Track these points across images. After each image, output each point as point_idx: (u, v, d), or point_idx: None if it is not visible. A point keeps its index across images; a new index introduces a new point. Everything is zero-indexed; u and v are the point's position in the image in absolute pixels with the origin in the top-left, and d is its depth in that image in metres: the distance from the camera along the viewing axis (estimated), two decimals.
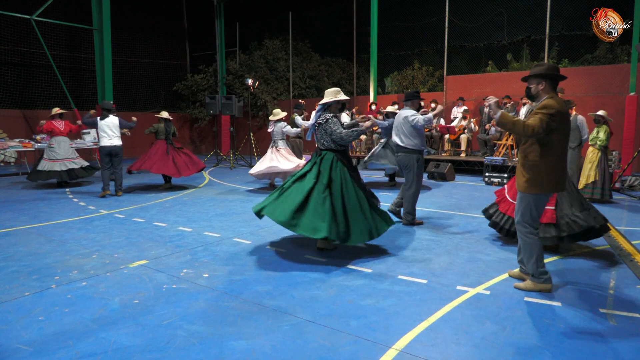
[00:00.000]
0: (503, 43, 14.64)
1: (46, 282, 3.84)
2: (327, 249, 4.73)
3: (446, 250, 4.82)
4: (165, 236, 5.40)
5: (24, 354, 2.67)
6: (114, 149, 8.25)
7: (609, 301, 3.44)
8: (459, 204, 7.45)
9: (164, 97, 19.14)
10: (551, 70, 3.46)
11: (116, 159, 8.27)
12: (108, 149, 8.21)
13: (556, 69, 3.48)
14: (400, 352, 2.67)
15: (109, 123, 8.25)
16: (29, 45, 14.44)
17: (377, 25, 14.66)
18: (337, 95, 4.66)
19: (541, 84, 3.49)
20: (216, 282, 3.85)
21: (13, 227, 5.83)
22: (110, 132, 8.24)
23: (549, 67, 3.48)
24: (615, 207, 7.15)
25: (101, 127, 8.18)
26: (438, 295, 3.55)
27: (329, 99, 4.67)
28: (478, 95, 12.69)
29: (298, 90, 18.29)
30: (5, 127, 13.93)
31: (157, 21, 18.94)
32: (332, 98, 4.66)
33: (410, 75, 16.66)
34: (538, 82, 3.51)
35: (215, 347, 2.74)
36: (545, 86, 3.48)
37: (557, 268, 4.22)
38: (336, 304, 3.37)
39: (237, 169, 12.98)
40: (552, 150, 3.42)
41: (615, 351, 2.70)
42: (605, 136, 7.37)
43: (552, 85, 3.49)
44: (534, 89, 3.54)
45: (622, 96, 10.90)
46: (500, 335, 2.88)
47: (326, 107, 4.75)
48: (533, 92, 3.55)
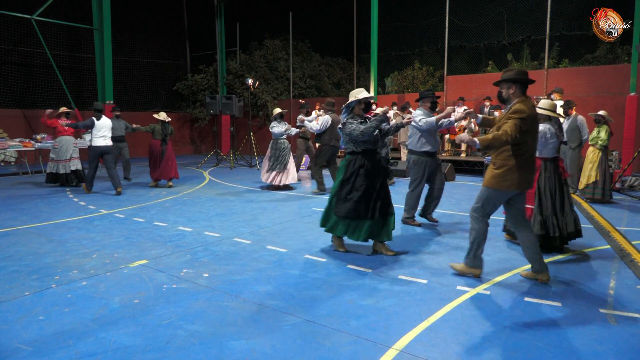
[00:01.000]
0: (503, 43, 14.64)
1: (46, 282, 3.84)
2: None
3: (446, 250, 4.82)
4: (166, 236, 5.40)
5: (24, 353, 2.67)
6: (106, 150, 8.35)
7: (609, 301, 3.44)
8: (459, 204, 7.45)
9: (164, 97, 19.14)
10: (520, 75, 3.67)
11: (108, 157, 8.41)
12: (100, 149, 8.28)
13: (525, 73, 3.71)
14: (400, 352, 2.67)
15: (105, 124, 8.32)
16: (29, 45, 14.44)
17: (377, 25, 14.64)
18: (357, 95, 4.55)
19: (511, 88, 3.69)
20: (216, 282, 3.85)
21: (13, 227, 5.83)
22: (107, 133, 8.34)
23: (518, 72, 3.70)
24: (616, 207, 7.15)
25: (98, 127, 8.23)
26: (438, 295, 3.55)
27: (350, 100, 4.58)
28: (478, 96, 12.69)
29: (298, 90, 18.29)
30: (6, 127, 13.93)
31: (157, 21, 18.93)
32: (353, 99, 4.56)
33: (411, 75, 16.66)
34: (508, 86, 3.70)
35: (215, 347, 2.74)
36: (516, 90, 3.68)
37: (557, 268, 4.22)
38: (336, 304, 3.37)
39: (237, 169, 12.99)
40: (521, 151, 3.62)
41: (615, 351, 2.69)
42: (607, 136, 7.37)
43: (521, 89, 3.69)
44: (505, 93, 3.74)
45: (623, 96, 10.90)
46: (500, 335, 2.88)
47: (350, 109, 4.63)
48: (504, 95, 3.75)
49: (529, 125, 3.55)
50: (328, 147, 8.32)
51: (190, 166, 13.85)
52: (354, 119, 4.55)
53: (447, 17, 13.65)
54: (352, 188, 4.47)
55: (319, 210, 6.90)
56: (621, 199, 7.85)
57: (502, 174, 3.64)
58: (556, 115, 4.90)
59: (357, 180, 4.47)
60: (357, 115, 4.61)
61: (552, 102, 4.96)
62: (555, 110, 4.85)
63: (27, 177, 10.97)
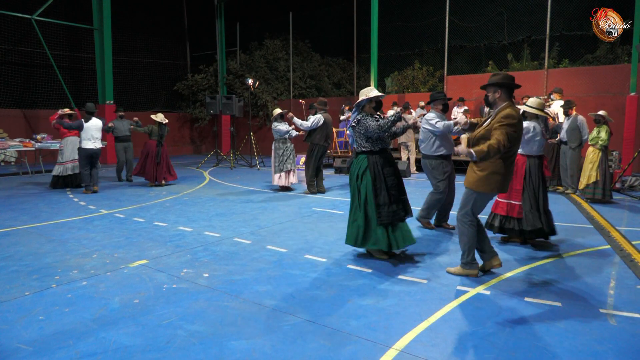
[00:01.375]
0: (503, 43, 14.64)
1: (46, 282, 3.84)
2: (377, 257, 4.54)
3: (446, 250, 4.82)
4: (166, 236, 5.40)
5: (24, 353, 2.67)
6: (95, 152, 8.33)
7: (609, 301, 3.44)
8: (459, 204, 7.44)
9: (164, 97, 19.15)
10: (507, 80, 3.75)
11: (95, 160, 8.44)
12: (90, 152, 8.27)
13: (511, 78, 3.77)
14: (400, 352, 2.67)
15: (93, 126, 8.30)
16: (29, 45, 14.44)
17: (377, 25, 14.65)
18: (369, 93, 4.46)
19: (497, 92, 3.76)
20: (216, 282, 3.86)
21: (13, 227, 5.83)
22: (95, 135, 8.31)
23: (504, 76, 3.77)
24: (616, 207, 7.14)
25: (86, 129, 8.22)
26: (438, 295, 3.55)
27: (361, 98, 4.49)
28: (478, 95, 12.69)
29: (298, 90, 18.29)
30: (6, 127, 13.94)
31: (157, 21, 18.94)
32: (364, 97, 4.47)
33: (411, 75, 16.66)
34: (495, 90, 3.78)
35: (215, 347, 2.74)
36: (501, 94, 3.76)
37: (557, 268, 4.22)
38: (336, 304, 3.37)
39: (238, 169, 12.99)
40: (507, 155, 3.69)
41: (616, 351, 2.69)
42: (607, 136, 7.36)
43: (507, 93, 3.77)
44: (492, 96, 3.81)
45: (623, 96, 10.90)
46: (500, 335, 2.88)
47: (361, 107, 4.55)
48: (490, 99, 3.83)
49: (517, 129, 3.65)
50: (318, 147, 8.30)
51: (190, 166, 13.85)
52: (368, 116, 4.46)
53: (447, 17, 13.65)
54: (387, 190, 4.31)
55: (319, 210, 6.90)
56: (621, 199, 7.85)
57: (486, 177, 3.71)
58: (544, 115, 5.08)
59: (388, 180, 4.34)
60: (368, 113, 4.52)
61: (540, 101, 5.09)
62: (543, 110, 5.00)
63: (27, 177, 10.96)
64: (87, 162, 8.36)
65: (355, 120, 4.49)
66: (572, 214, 6.58)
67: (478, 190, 3.77)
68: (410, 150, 11.67)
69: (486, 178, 3.72)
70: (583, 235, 5.38)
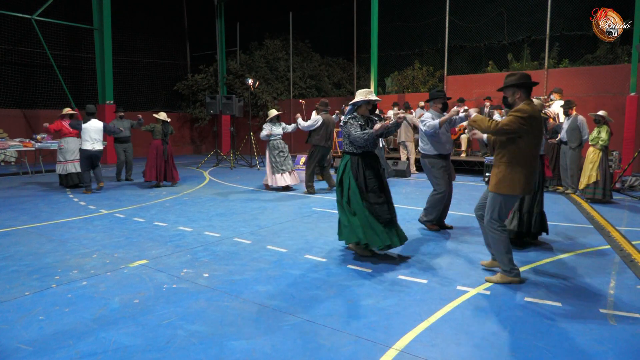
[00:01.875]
0: (503, 43, 14.64)
1: (46, 282, 3.84)
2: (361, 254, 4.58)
3: (446, 250, 4.82)
4: (166, 236, 5.40)
5: (24, 353, 2.67)
6: (95, 154, 8.31)
7: (609, 301, 3.44)
8: (459, 204, 7.44)
9: (164, 97, 19.15)
10: (524, 79, 3.67)
11: (96, 161, 8.45)
12: (89, 153, 8.25)
13: (528, 77, 3.69)
14: (400, 352, 2.67)
15: (92, 127, 8.26)
16: (29, 45, 14.44)
17: (378, 25, 14.66)
18: (367, 95, 4.44)
19: (517, 93, 3.69)
20: (216, 282, 3.86)
21: (13, 227, 5.83)
22: (94, 136, 8.28)
23: (521, 76, 3.69)
24: (616, 207, 7.14)
25: (84, 131, 8.20)
26: (438, 295, 3.55)
27: (358, 98, 4.46)
28: (478, 96, 12.69)
29: (298, 90, 18.29)
30: (6, 127, 13.94)
31: (157, 21, 18.95)
32: (361, 98, 4.44)
33: (411, 75, 16.66)
34: (514, 91, 3.70)
35: (215, 347, 2.74)
36: (521, 95, 3.68)
37: (557, 268, 4.22)
38: (336, 304, 3.37)
39: (238, 169, 12.99)
40: (524, 154, 3.62)
41: (616, 351, 2.69)
42: (607, 136, 7.37)
43: (526, 92, 3.69)
44: (511, 98, 3.74)
45: (623, 96, 10.90)
46: (500, 335, 2.88)
47: (356, 107, 4.53)
48: (510, 101, 3.75)
49: (530, 124, 3.52)
50: (318, 148, 8.31)
51: (190, 166, 13.85)
52: (355, 120, 4.45)
53: (447, 17, 13.65)
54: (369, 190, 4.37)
55: (319, 210, 6.90)
56: (621, 199, 7.85)
57: (508, 177, 3.63)
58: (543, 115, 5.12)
59: (369, 182, 4.37)
60: (362, 115, 4.51)
61: (540, 101, 5.12)
62: (542, 110, 5.02)
63: (27, 177, 10.97)
64: (88, 163, 8.37)
65: (344, 120, 4.53)
66: (572, 214, 6.58)
67: (501, 193, 3.68)
68: (409, 150, 11.67)
69: (508, 179, 3.63)
70: (583, 235, 5.38)
